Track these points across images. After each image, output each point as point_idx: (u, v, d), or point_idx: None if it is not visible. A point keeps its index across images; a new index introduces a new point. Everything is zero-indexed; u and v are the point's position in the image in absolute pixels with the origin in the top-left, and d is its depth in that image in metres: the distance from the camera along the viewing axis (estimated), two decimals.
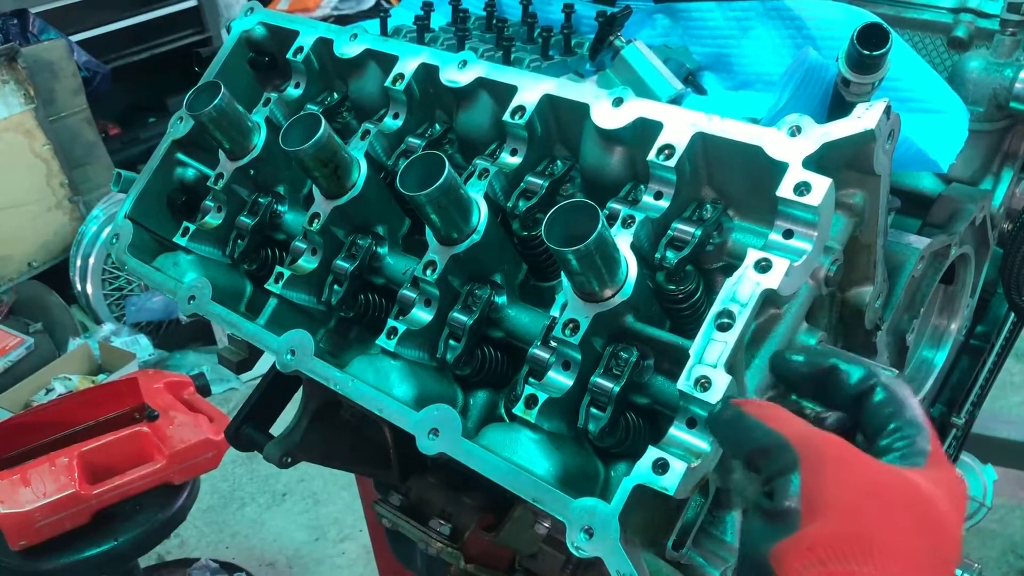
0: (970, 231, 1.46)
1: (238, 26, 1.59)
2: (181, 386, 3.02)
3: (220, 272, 1.46)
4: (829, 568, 0.73)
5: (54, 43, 5.03)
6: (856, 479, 0.78)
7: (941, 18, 1.55)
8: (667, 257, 1.05)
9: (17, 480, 2.53)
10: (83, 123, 5.15)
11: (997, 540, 3.72)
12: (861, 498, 0.76)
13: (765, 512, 0.80)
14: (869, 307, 1.18)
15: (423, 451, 1.06)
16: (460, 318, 1.18)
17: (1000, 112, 1.48)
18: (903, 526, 0.75)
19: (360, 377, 1.17)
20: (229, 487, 4.33)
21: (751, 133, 1.00)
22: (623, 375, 1.04)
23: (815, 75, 1.24)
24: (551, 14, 1.70)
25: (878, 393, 0.86)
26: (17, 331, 4.57)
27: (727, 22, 1.56)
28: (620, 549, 0.89)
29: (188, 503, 2.76)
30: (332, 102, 1.49)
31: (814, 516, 0.76)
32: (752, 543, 0.81)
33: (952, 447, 1.84)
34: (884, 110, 0.97)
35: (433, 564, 1.60)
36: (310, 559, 3.94)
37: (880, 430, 0.85)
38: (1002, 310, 1.80)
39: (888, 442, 0.83)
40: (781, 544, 0.77)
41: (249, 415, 1.67)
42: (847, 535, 0.74)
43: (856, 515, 0.75)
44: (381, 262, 1.33)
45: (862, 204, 1.07)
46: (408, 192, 1.07)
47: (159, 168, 1.57)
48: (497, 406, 1.27)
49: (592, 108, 1.12)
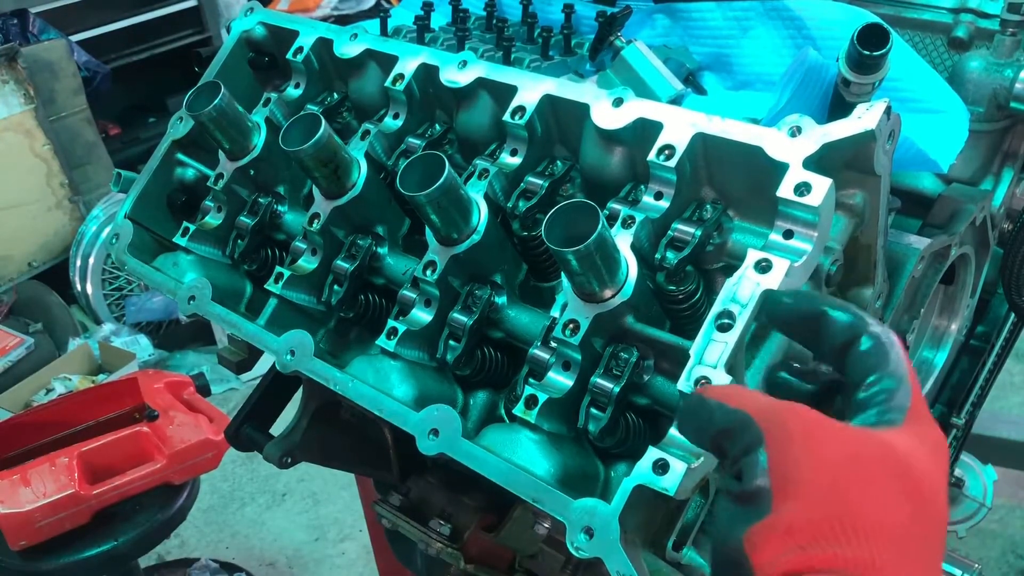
0: (970, 231, 1.46)
1: (238, 26, 1.59)
2: (181, 386, 3.02)
3: (220, 272, 1.46)
4: (809, 553, 0.68)
5: (54, 43, 5.03)
6: (828, 451, 0.72)
7: (941, 18, 1.55)
8: (667, 257, 1.05)
9: (17, 480, 2.53)
10: (83, 123, 5.15)
11: (997, 540, 3.72)
12: (836, 472, 0.71)
13: (734, 495, 0.75)
14: (869, 307, 1.18)
15: (423, 451, 1.06)
16: (460, 318, 1.18)
17: (1000, 112, 1.48)
18: (885, 497, 0.70)
19: (360, 377, 1.17)
20: (229, 487, 4.33)
21: (751, 133, 1.00)
22: (623, 376, 1.04)
23: (815, 75, 1.24)
24: (551, 14, 1.70)
25: (863, 342, 0.80)
26: (17, 331, 4.57)
27: (727, 22, 1.56)
28: (620, 550, 0.89)
29: (188, 503, 2.76)
30: (332, 102, 1.49)
31: (786, 495, 0.71)
32: (723, 531, 0.74)
33: (952, 447, 1.84)
34: (884, 110, 0.97)
35: (433, 564, 1.60)
36: (310, 559, 3.94)
37: (859, 383, 0.79)
38: (1002, 310, 1.80)
39: (866, 396, 0.78)
40: (754, 528, 0.71)
41: (249, 415, 1.67)
42: (825, 515, 0.69)
43: (833, 491, 0.70)
44: (381, 262, 1.33)
45: (862, 204, 1.07)
46: (408, 192, 1.07)
47: (159, 168, 1.57)
48: (497, 406, 1.27)
49: (592, 108, 1.12)
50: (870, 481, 0.71)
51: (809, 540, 0.68)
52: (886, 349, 0.79)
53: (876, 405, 0.77)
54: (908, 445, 0.74)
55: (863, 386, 0.79)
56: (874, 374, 0.79)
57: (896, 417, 0.76)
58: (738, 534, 0.72)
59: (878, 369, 0.79)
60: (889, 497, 0.71)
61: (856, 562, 0.67)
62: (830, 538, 0.68)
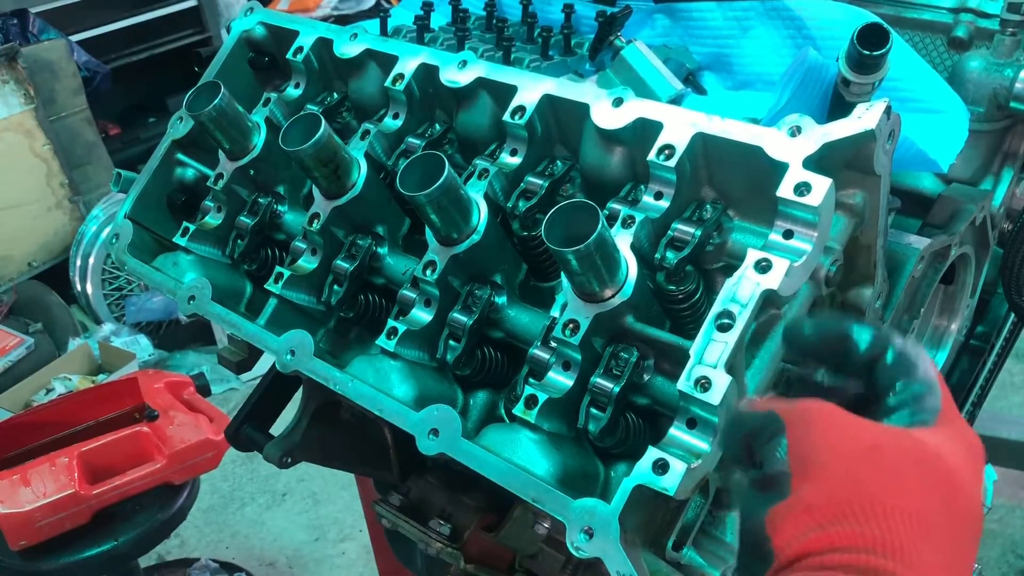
0: (970, 231, 1.46)
1: (238, 26, 1.59)
2: (181, 386, 3.02)
3: (220, 272, 1.46)
4: (828, 532, 0.69)
5: (54, 43, 5.03)
6: (849, 437, 0.74)
7: (941, 18, 1.55)
8: (667, 257, 1.05)
9: (17, 480, 2.53)
10: (83, 123, 5.15)
11: (997, 540, 3.72)
12: (856, 457, 0.73)
13: (756, 482, 0.77)
14: (869, 307, 1.17)
15: (423, 451, 1.06)
16: (460, 318, 1.18)
17: (1000, 112, 1.47)
18: (908, 483, 0.71)
19: (360, 377, 1.17)
20: (229, 487, 4.33)
21: (751, 133, 1.00)
22: (623, 375, 1.03)
23: (815, 75, 1.24)
24: (551, 14, 1.69)
25: (889, 355, 0.82)
26: (17, 331, 4.57)
27: (727, 22, 1.56)
28: (620, 549, 0.89)
29: (188, 503, 2.76)
30: (332, 102, 1.49)
31: (805, 477, 0.73)
32: (748, 515, 0.77)
33: None
34: (884, 110, 0.97)
35: (433, 564, 1.60)
36: (310, 559, 3.94)
37: (888, 390, 0.81)
38: (1002, 310, 1.80)
39: (896, 401, 0.80)
40: (775, 509, 0.73)
41: (249, 415, 1.67)
42: (846, 495, 0.70)
43: (853, 473, 0.71)
44: (381, 262, 1.33)
45: (862, 204, 1.07)
46: (408, 192, 1.07)
47: (159, 168, 1.57)
48: (497, 406, 1.27)
49: (592, 108, 1.12)
50: (893, 466, 0.72)
51: (828, 519, 0.69)
52: (913, 358, 0.82)
53: (907, 407, 0.79)
54: (939, 442, 0.76)
55: (893, 392, 0.81)
56: (901, 381, 0.81)
57: (927, 418, 0.78)
58: (760, 517, 0.74)
59: (905, 376, 0.81)
60: (913, 484, 0.72)
61: (876, 540, 0.67)
62: (849, 517, 0.69)
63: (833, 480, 0.72)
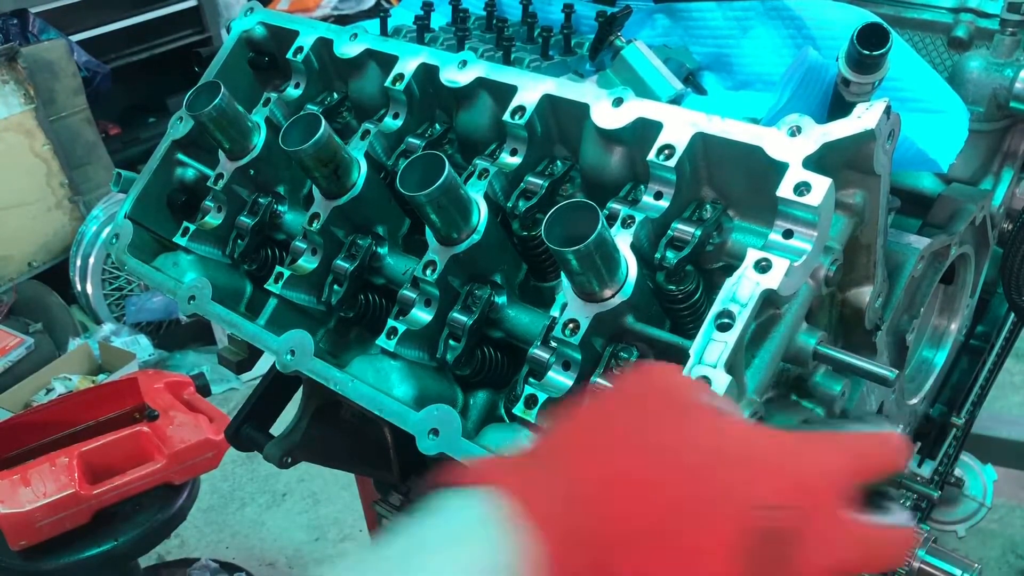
0: (970, 231, 1.46)
1: (238, 26, 1.59)
2: (181, 386, 3.02)
3: (220, 272, 1.47)
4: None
5: (54, 43, 5.03)
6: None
7: (941, 18, 1.55)
8: (667, 257, 1.05)
9: (17, 480, 2.52)
10: (83, 123, 5.15)
11: (997, 540, 3.71)
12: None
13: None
14: (869, 307, 1.18)
15: (423, 451, 1.06)
16: (460, 318, 1.18)
17: (1000, 112, 1.47)
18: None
19: (360, 377, 1.17)
20: (229, 487, 4.33)
21: (751, 133, 1.00)
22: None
23: (815, 75, 1.24)
24: (551, 14, 1.69)
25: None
26: (17, 331, 4.56)
27: (727, 22, 1.56)
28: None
29: (188, 503, 2.76)
30: (332, 102, 1.49)
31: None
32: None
33: (952, 447, 1.84)
34: (884, 110, 0.97)
35: None
36: (310, 559, 3.94)
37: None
38: (1002, 310, 1.80)
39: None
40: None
41: (249, 415, 1.67)
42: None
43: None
44: (381, 262, 1.33)
45: (862, 204, 1.07)
46: (408, 192, 1.07)
47: (159, 168, 1.57)
48: (497, 406, 1.27)
49: (592, 108, 1.12)
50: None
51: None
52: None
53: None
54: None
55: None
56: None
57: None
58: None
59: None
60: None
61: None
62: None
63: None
